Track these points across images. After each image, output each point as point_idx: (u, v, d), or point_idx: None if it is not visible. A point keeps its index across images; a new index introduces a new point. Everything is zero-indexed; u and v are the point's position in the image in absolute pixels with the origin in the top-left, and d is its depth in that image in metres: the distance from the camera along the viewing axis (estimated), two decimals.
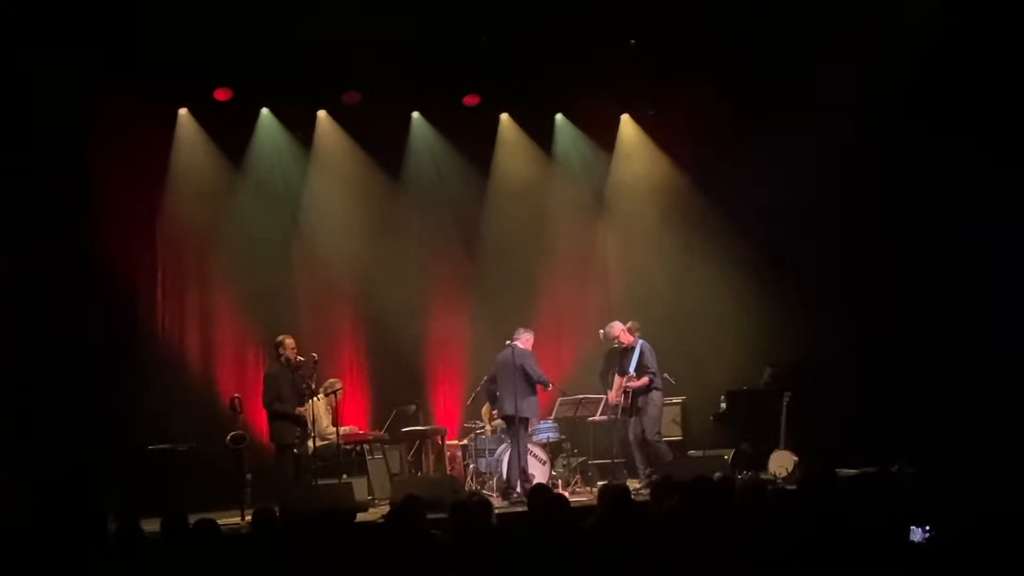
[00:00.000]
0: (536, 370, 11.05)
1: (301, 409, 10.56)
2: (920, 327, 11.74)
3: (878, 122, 11.82)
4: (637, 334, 11.59)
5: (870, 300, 12.14)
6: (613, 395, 11.31)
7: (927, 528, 5.25)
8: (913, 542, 5.23)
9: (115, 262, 11.93)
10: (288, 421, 10.52)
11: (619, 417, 11.30)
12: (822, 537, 5.15)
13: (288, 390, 10.60)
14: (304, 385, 10.64)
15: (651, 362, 11.25)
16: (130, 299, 12.24)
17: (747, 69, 12.37)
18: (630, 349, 11.31)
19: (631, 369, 11.18)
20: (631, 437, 11.24)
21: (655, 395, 11.30)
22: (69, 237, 11.50)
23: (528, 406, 11.00)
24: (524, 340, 11.21)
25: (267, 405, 10.65)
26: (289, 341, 10.76)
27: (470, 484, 11.38)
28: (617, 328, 11.42)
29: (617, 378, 11.35)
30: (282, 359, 10.67)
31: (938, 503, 5.63)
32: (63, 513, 8.65)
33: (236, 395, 10.87)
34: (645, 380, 11.15)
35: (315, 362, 10.66)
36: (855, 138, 11.88)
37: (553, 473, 11.33)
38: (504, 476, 11.02)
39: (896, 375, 11.78)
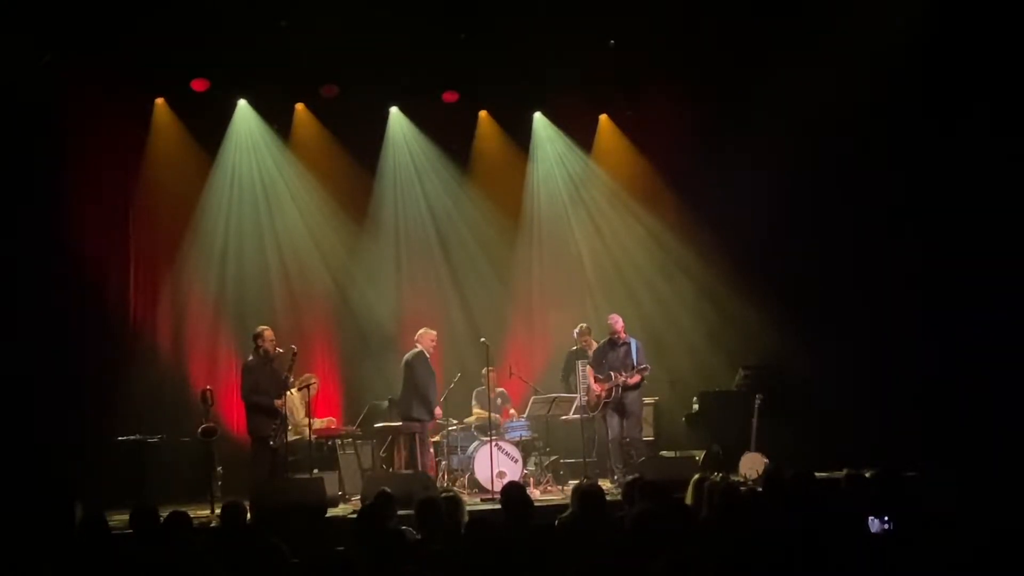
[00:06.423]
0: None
1: (278, 402, 10.45)
2: (894, 332, 11.83)
3: (856, 126, 11.88)
4: (589, 337, 11.78)
5: (844, 305, 12.21)
6: (599, 387, 11.32)
7: (885, 519, 5.30)
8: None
9: (87, 251, 11.81)
10: (264, 414, 10.43)
11: (598, 412, 11.32)
12: (793, 539, 5.17)
13: (265, 382, 10.46)
14: (283, 377, 10.54)
15: (644, 360, 11.29)
16: (101, 289, 12.13)
17: (727, 70, 12.42)
18: (623, 344, 11.33)
19: (634, 363, 11.18)
20: (611, 435, 11.26)
21: (638, 393, 11.36)
22: (40, 226, 11.37)
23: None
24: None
25: (244, 397, 10.54)
26: (268, 332, 10.60)
27: (442, 481, 11.36)
28: (619, 322, 11.44)
29: (595, 372, 11.36)
30: (260, 350, 10.55)
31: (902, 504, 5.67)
32: (31, 504, 8.56)
33: (208, 387, 10.75)
34: (638, 378, 11.18)
35: (294, 354, 10.55)
36: (833, 141, 11.94)
37: (525, 471, 11.33)
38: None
39: (869, 380, 11.86)
